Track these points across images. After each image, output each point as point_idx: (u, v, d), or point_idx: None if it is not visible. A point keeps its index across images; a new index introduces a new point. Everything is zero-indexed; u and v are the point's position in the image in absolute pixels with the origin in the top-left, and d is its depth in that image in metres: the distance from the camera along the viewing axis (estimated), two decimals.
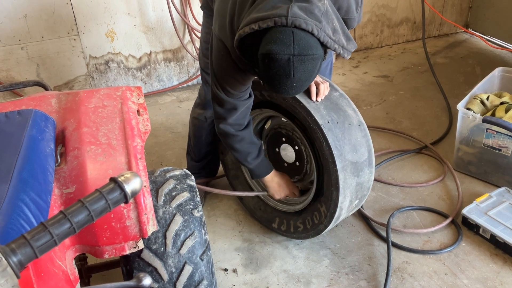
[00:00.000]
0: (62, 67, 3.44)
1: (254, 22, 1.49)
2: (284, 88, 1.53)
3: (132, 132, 1.42)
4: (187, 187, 1.52)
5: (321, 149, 1.93)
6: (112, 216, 1.26)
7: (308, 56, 1.45)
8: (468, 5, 4.78)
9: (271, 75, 1.51)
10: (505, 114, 2.60)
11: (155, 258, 1.42)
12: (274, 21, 1.45)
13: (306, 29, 1.44)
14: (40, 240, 0.72)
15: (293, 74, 1.47)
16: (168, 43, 3.74)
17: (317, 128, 1.91)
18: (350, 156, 1.94)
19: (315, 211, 2.14)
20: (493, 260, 2.17)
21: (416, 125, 3.28)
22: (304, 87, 1.56)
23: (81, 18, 3.35)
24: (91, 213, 0.75)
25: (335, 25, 1.54)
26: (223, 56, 1.77)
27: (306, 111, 1.92)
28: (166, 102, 3.75)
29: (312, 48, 1.46)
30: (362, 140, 1.99)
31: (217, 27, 1.78)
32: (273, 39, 1.46)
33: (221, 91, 1.86)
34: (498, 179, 2.62)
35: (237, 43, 1.59)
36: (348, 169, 1.94)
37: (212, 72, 1.87)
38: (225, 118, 1.94)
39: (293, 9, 1.45)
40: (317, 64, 1.51)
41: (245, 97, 1.92)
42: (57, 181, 1.29)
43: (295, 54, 1.44)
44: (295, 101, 1.94)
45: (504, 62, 4.13)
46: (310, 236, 2.21)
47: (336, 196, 1.96)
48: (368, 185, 2.09)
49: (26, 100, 1.56)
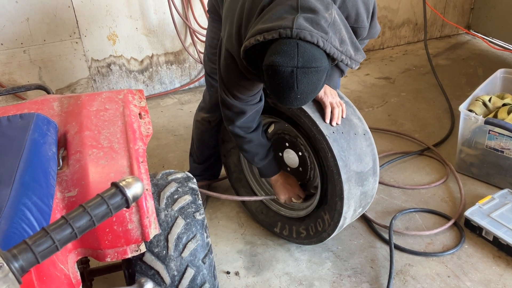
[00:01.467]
0: (64, 70, 3.45)
1: (260, 33, 1.49)
2: (288, 99, 1.52)
3: (134, 135, 1.42)
4: (189, 190, 1.52)
5: (326, 160, 1.92)
6: (114, 219, 1.26)
7: (312, 69, 1.44)
8: (470, 7, 4.78)
9: (275, 87, 1.51)
10: (507, 116, 2.59)
11: (157, 261, 1.41)
12: (279, 32, 1.44)
13: (311, 41, 1.43)
14: (42, 246, 0.72)
15: (296, 86, 1.46)
16: (170, 45, 3.74)
17: (322, 138, 1.88)
18: (355, 166, 1.92)
19: (318, 219, 2.13)
20: (496, 262, 2.17)
21: (418, 127, 3.27)
22: (309, 99, 1.54)
23: (83, 21, 3.36)
24: (93, 218, 0.75)
25: (342, 35, 1.52)
26: (230, 66, 1.77)
27: (311, 121, 1.90)
28: (168, 105, 3.75)
29: (316, 61, 1.44)
30: (367, 149, 1.98)
31: (225, 35, 1.77)
32: (277, 51, 1.45)
33: (229, 96, 1.86)
34: (500, 181, 2.61)
35: (243, 54, 1.59)
36: (352, 179, 1.93)
37: (220, 77, 1.87)
38: (233, 121, 1.95)
39: (298, 20, 1.43)
40: (322, 77, 1.49)
41: (254, 101, 1.91)
42: (59, 184, 1.29)
43: (298, 66, 1.43)
44: (300, 110, 1.92)
45: (506, 64, 4.13)
46: (313, 243, 2.20)
47: (340, 206, 1.95)
48: (372, 193, 2.08)
49: (28, 103, 1.56)
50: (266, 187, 2.46)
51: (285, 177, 2.23)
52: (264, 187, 2.46)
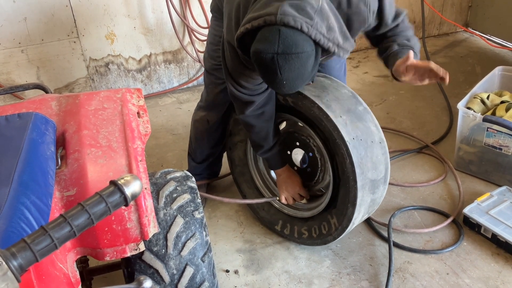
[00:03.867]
0: (62, 69, 3.45)
1: (248, 22, 1.51)
2: (275, 85, 1.54)
3: (132, 134, 1.42)
4: (187, 188, 1.52)
5: (343, 165, 1.89)
6: (113, 218, 1.26)
7: (293, 55, 1.44)
8: (467, 4, 4.78)
9: (262, 74, 1.54)
10: (505, 113, 2.60)
11: (156, 260, 1.41)
12: (264, 19, 1.46)
13: (295, 26, 1.43)
14: (41, 244, 0.72)
15: (279, 72, 1.46)
16: (168, 44, 3.74)
17: (342, 144, 1.86)
18: (370, 174, 1.92)
19: (324, 221, 2.13)
20: (494, 259, 2.17)
21: (417, 125, 3.28)
22: (297, 86, 1.55)
23: (81, 21, 3.35)
24: (91, 217, 0.75)
25: (330, 22, 1.50)
26: (233, 57, 1.79)
27: (333, 125, 1.87)
28: (167, 104, 3.75)
29: (298, 47, 1.44)
30: (381, 157, 1.97)
31: (225, 29, 1.80)
32: (260, 38, 1.48)
33: (236, 87, 1.88)
34: (499, 178, 2.61)
35: (237, 43, 1.61)
36: (366, 187, 1.92)
37: (226, 71, 1.89)
38: (243, 110, 1.96)
39: (283, 7, 1.44)
40: (306, 63, 1.48)
41: (261, 90, 1.91)
42: (58, 184, 1.29)
43: (278, 52, 1.43)
44: (322, 113, 1.88)
45: (504, 61, 4.13)
46: (316, 244, 2.20)
47: (351, 212, 1.95)
48: (379, 200, 2.08)
49: (26, 103, 1.56)
50: (270, 184, 2.44)
51: (289, 174, 2.22)
52: (268, 183, 2.44)
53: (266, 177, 2.45)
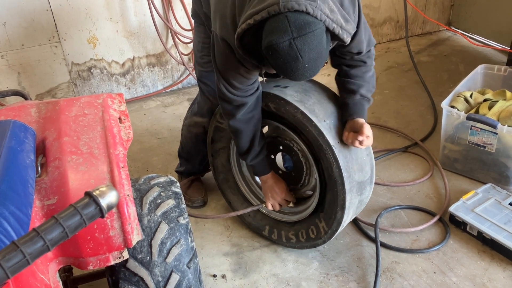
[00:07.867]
0: (44, 75, 3.40)
1: (250, 17, 1.51)
2: (298, 73, 1.51)
3: (113, 140, 1.40)
4: (172, 194, 1.50)
5: (330, 169, 1.88)
6: (95, 226, 1.24)
7: (309, 34, 1.44)
8: (450, 3, 4.82)
9: (280, 65, 1.50)
10: (488, 111, 2.62)
11: (141, 267, 1.39)
12: (267, 11, 1.46)
13: (300, 9, 1.43)
14: (11, 260, 0.69)
15: (300, 56, 1.45)
16: (151, 47, 3.71)
17: (328, 149, 1.85)
18: (357, 176, 1.91)
19: (311, 225, 2.12)
20: (481, 257, 2.18)
21: (402, 124, 3.29)
22: (318, 66, 1.53)
23: (62, 25, 3.31)
24: (66, 230, 0.72)
25: (331, 5, 1.52)
26: (227, 55, 1.76)
27: (318, 131, 1.85)
28: (151, 108, 3.72)
29: (310, 25, 1.44)
30: (366, 158, 1.97)
31: (218, 27, 1.76)
32: (270, 30, 1.47)
33: (228, 88, 1.86)
34: (483, 176, 2.63)
35: (238, 42, 1.60)
36: (354, 189, 1.92)
37: (217, 70, 1.87)
38: (234, 114, 1.94)
39: None
40: (322, 39, 1.48)
41: (252, 91, 1.90)
42: (38, 192, 1.26)
43: (294, 36, 1.43)
44: (306, 118, 1.87)
45: (486, 59, 4.17)
46: (305, 248, 2.20)
47: (340, 215, 1.95)
48: (366, 200, 2.09)
49: (5, 110, 1.53)
50: (255, 189, 2.42)
51: (274, 180, 2.18)
52: (253, 188, 2.42)
53: (250, 182, 2.43)
